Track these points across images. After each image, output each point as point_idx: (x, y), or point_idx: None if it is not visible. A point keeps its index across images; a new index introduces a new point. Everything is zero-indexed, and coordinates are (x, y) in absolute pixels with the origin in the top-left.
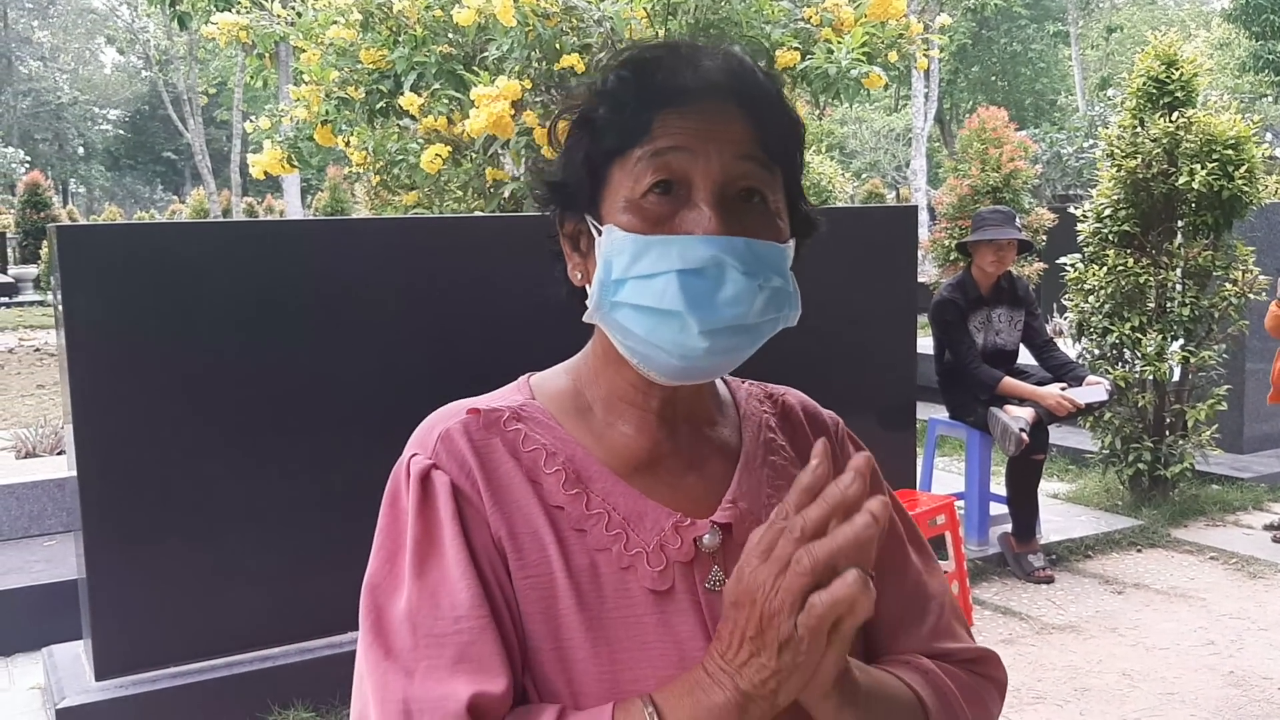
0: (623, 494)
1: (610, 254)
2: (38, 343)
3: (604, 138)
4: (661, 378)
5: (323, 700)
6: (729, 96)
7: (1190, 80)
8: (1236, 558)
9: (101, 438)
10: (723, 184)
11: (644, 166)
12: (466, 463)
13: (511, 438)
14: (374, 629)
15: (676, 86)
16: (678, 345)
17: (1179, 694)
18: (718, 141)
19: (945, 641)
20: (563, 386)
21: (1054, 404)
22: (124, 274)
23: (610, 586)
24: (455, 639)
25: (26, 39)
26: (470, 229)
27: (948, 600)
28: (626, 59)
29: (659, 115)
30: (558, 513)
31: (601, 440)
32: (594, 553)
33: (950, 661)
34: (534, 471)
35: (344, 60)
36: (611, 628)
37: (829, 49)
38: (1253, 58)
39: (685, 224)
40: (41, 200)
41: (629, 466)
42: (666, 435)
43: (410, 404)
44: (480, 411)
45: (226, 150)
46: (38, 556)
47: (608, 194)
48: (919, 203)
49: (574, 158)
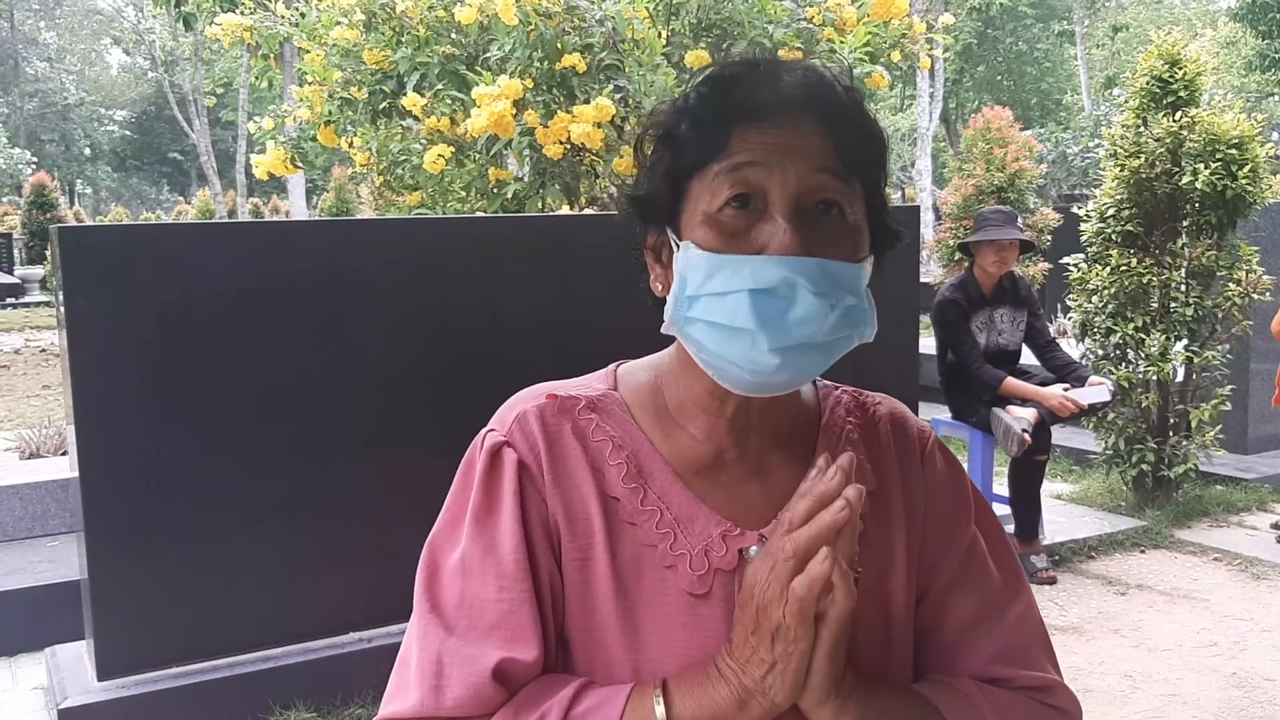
0: (678, 495)
1: (686, 270)
2: (44, 343)
3: (685, 153)
4: (736, 389)
5: (324, 700)
6: (806, 110)
7: (1194, 79)
8: (1240, 559)
9: (103, 438)
10: (798, 196)
11: (721, 181)
12: (536, 444)
13: (583, 425)
14: (426, 582)
15: (754, 102)
16: (749, 361)
17: (1181, 695)
18: (794, 155)
19: (1010, 668)
20: (644, 381)
21: (1056, 404)
22: (126, 274)
23: (650, 581)
24: (496, 606)
25: (33, 40)
26: (473, 229)
27: (1030, 630)
28: (708, 76)
29: (737, 131)
30: (613, 503)
31: (669, 439)
32: (641, 547)
33: (1008, 688)
34: (598, 460)
35: (347, 61)
36: (644, 620)
37: (831, 49)
38: (1259, 57)
39: (761, 237)
40: (48, 201)
41: (690, 469)
42: (733, 443)
43: (413, 404)
44: (558, 397)
45: (232, 151)
46: (41, 557)
47: (687, 208)
48: (924, 203)
49: (656, 172)
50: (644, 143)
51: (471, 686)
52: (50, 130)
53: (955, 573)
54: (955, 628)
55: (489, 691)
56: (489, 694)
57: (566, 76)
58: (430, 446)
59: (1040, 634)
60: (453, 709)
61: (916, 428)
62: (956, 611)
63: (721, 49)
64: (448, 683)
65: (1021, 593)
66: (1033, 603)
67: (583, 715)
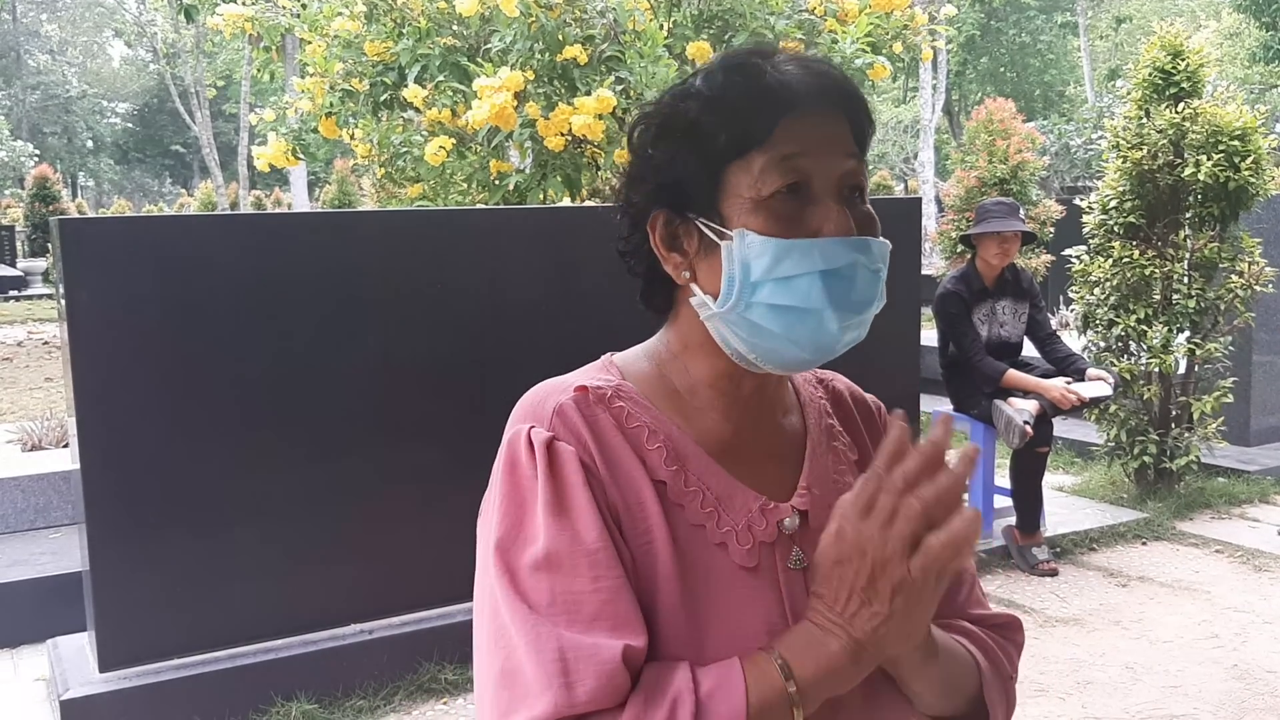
0: (714, 475)
1: (748, 257)
2: (46, 336)
3: (714, 141)
4: (778, 369)
5: (326, 692)
6: (833, 99)
7: (1196, 71)
8: (1242, 551)
9: (105, 430)
10: (839, 182)
11: (771, 170)
12: (582, 436)
13: (617, 414)
14: (512, 587)
15: (793, 93)
16: (813, 340)
17: (1182, 687)
18: (832, 144)
19: (977, 609)
20: (647, 370)
21: (1058, 397)
22: (127, 266)
23: (703, 560)
24: (594, 596)
25: (35, 33)
26: (474, 221)
27: (969, 572)
28: (733, 64)
29: (780, 121)
30: (660, 486)
31: (692, 423)
32: (690, 527)
33: (983, 626)
34: (639, 447)
35: (348, 52)
36: (702, 598)
37: (833, 40)
38: (1263, 48)
39: (814, 220)
40: (50, 194)
41: (720, 449)
42: (750, 423)
43: (414, 395)
44: (588, 389)
45: (234, 143)
46: (43, 549)
47: (725, 196)
48: (927, 194)
49: (683, 160)
50: (647, 131)
51: (604, 676)
52: (52, 123)
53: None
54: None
55: (621, 679)
56: (620, 681)
57: (568, 68)
58: (432, 438)
59: (975, 576)
60: (587, 703)
61: (870, 399)
62: None
63: (723, 40)
64: (578, 678)
65: None
66: None
67: (710, 694)
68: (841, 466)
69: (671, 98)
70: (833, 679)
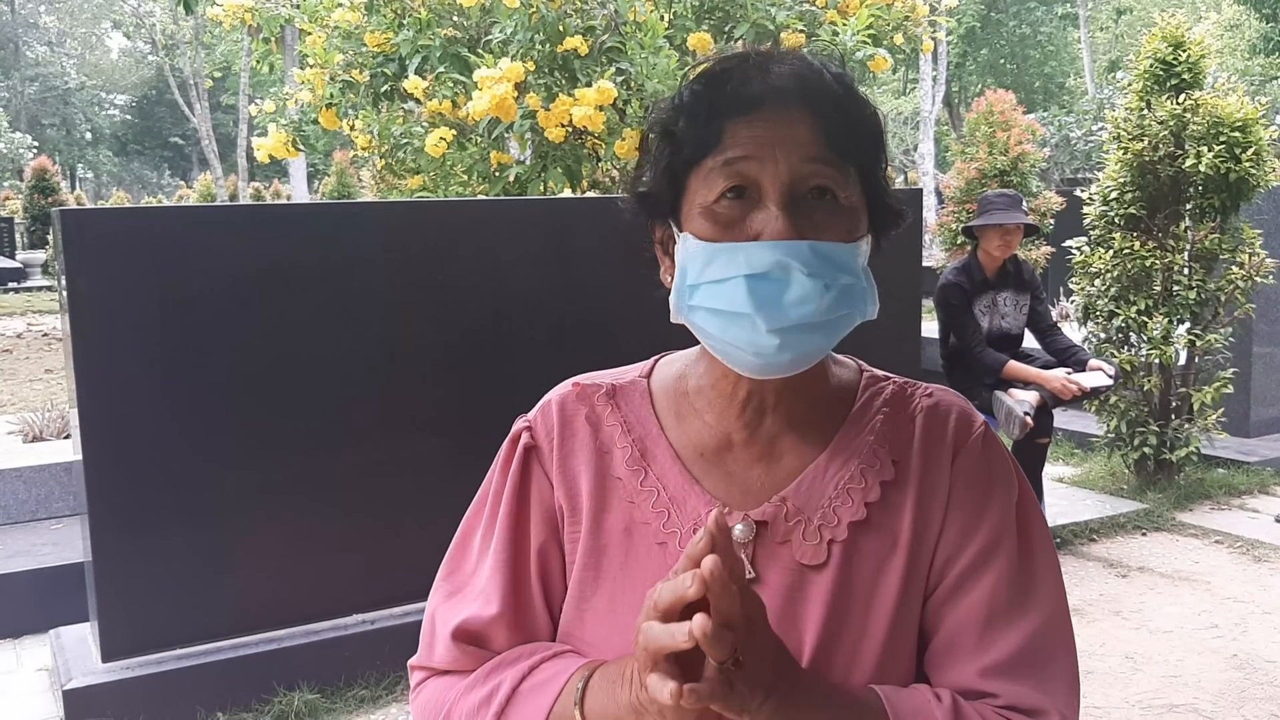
0: (676, 476)
1: (685, 261)
2: (46, 327)
3: (682, 149)
4: (746, 372)
5: (328, 681)
6: (795, 101)
7: (1197, 62)
8: (1241, 541)
9: (106, 421)
10: (791, 185)
11: (716, 175)
12: (552, 429)
13: (599, 411)
14: (450, 554)
15: (744, 96)
16: (751, 344)
17: (1182, 677)
18: (784, 145)
19: (997, 682)
20: (676, 370)
21: (1059, 387)
22: (128, 257)
23: (642, 557)
24: (483, 574)
25: (33, 24)
26: (475, 213)
27: (1035, 645)
28: (701, 73)
29: (729, 125)
30: (615, 482)
31: (681, 425)
32: (636, 524)
33: (995, 705)
34: (608, 444)
35: (348, 43)
36: (630, 594)
37: (834, 31)
38: (1263, 40)
39: (755, 224)
40: (49, 185)
41: (695, 453)
42: (743, 426)
43: (414, 387)
44: (581, 385)
45: (233, 135)
46: (45, 539)
47: (686, 201)
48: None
49: (658, 168)
50: (649, 139)
51: (446, 647)
52: (51, 114)
53: (964, 572)
54: (950, 632)
55: (459, 648)
56: (460, 649)
57: (568, 59)
58: (432, 429)
59: (1051, 656)
60: (439, 663)
61: (955, 424)
62: (954, 615)
63: (724, 32)
64: (436, 640)
65: (1042, 606)
66: (1059, 621)
67: (528, 691)
68: (854, 486)
69: (659, 107)
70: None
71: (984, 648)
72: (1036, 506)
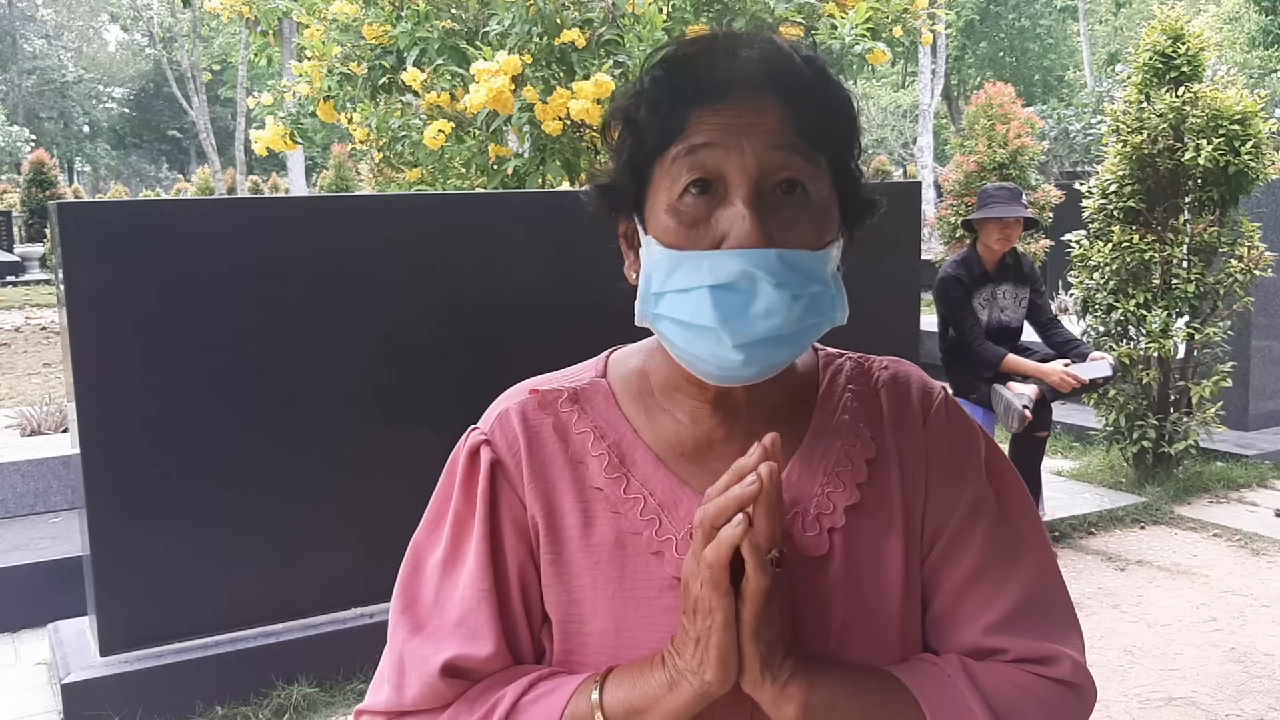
0: (662, 480)
1: (650, 267)
2: (44, 321)
3: (645, 139)
4: (708, 380)
5: (326, 675)
6: (763, 86)
7: (1197, 55)
8: (1240, 534)
9: (104, 414)
10: (759, 178)
11: (680, 166)
12: (515, 442)
13: (565, 419)
14: (405, 581)
15: (710, 82)
16: (715, 357)
17: (1180, 670)
18: (751, 134)
19: (1004, 638)
20: (633, 366)
21: (1057, 380)
22: (125, 250)
23: (636, 569)
24: (460, 605)
25: (30, 17)
26: (473, 205)
27: (1033, 595)
28: (663, 57)
29: (694, 113)
30: (596, 494)
31: (654, 424)
32: (626, 535)
33: (1005, 660)
34: (580, 453)
35: (346, 35)
36: (629, 608)
37: (833, 24)
38: (1263, 33)
39: (721, 224)
40: (47, 179)
41: (675, 453)
42: (720, 423)
43: (412, 380)
44: (540, 392)
45: (231, 128)
46: (43, 533)
47: (650, 195)
48: (926, 180)
49: (620, 160)
50: (609, 128)
51: (425, 686)
52: (49, 108)
53: (952, 537)
54: (949, 595)
55: (441, 688)
56: (441, 690)
57: (566, 52)
58: (430, 422)
59: (1050, 602)
60: (411, 704)
61: (919, 391)
62: (949, 577)
63: (722, 24)
64: (406, 681)
65: (1031, 556)
66: (1046, 570)
67: (530, 703)
68: (843, 469)
69: (623, 94)
70: (647, 712)
71: (985, 606)
72: (1004, 458)
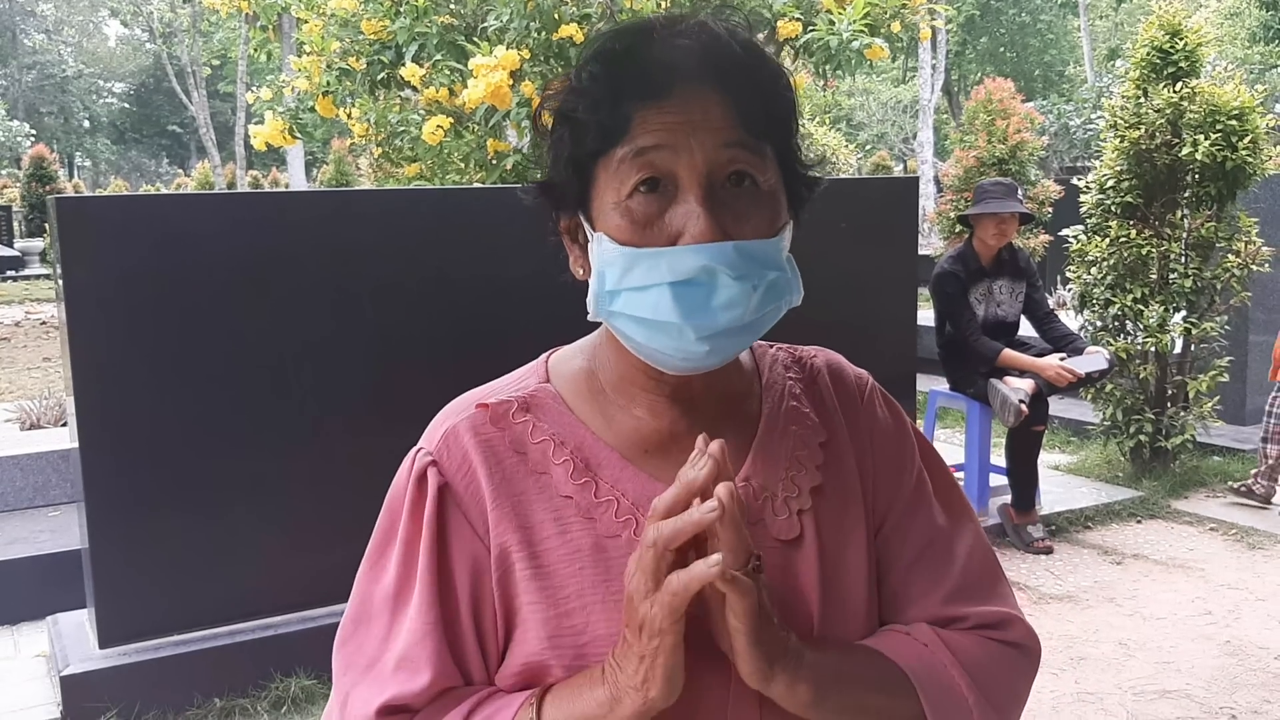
0: (632, 478)
1: (602, 265)
2: (44, 315)
3: (585, 137)
4: (670, 371)
5: (325, 668)
6: (705, 79)
7: (1195, 50)
8: (1236, 529)
9: (103, 408)
10: (708, 174)
11: (628, 167)
12: (468, 461)
13: (519, 430)
14: (353, 615)
15: (651, 78)
16: (679, 350)
17: (1175, 663)
18: (699, 132)
19: (962, 606)
20: (578, 367)
21: (1054, 375)
22: (125, 245)
23: (619, 572)
24: (406, 639)
25: (30, 12)
26: (472, 200)
27: (976, 561)
28: (598, 51)
29: (637, 111)
30: (565, 502)
31: (613, 424)
32: (604, 539)
33: (965, 628)
34: (542, 463)
35: (345, 31)
36: (617, 612)
37: (831, 20)
38: (1263, 28)
39: (675, 222)
40: (47, 174)
41: (640, 450)
42: (681, 415)
43: (411, 376)
44: (488, 406)
45: (230, 123)
46: (42, 527)
47: (595, 193)
48: (925, 174)
49: (559, 158)
50: (541, 119)
51: None
52: (49, 102)
53: (901, 513)
54: (903, 568)
55: None
56: None
57: (564, 47)
58: (428, 415)
59: (990, 566)
60: None
61: (854, 375)
62: (902, 551)
63: None
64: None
65: (968, 526)
66: (980, 535)
67: None
68: (801, 452)
69: (559, 86)
70: None
71: (941, 575)
72: (921, 433)
